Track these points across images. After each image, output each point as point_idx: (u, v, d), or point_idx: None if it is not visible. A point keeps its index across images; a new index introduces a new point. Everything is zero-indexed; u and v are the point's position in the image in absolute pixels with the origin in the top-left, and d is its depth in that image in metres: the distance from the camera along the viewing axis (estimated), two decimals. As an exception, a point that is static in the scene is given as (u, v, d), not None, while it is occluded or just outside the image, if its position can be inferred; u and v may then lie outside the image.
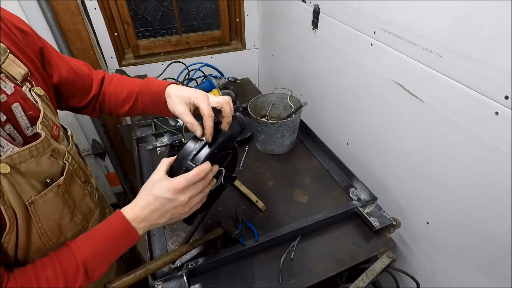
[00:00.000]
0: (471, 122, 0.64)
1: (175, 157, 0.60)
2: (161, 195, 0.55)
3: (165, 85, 0.70)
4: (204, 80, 1.51)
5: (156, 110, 0.73)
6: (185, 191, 0.56)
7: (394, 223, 0.86)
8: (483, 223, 0.68)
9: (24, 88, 0.53)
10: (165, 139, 1.20)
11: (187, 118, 0.62)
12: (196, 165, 0.57)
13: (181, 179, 0.55)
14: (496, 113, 0.58)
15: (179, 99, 0.65)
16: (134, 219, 0.55)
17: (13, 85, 0.51)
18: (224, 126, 0.63)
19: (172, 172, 0.59)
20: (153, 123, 1.25)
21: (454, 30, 0.63)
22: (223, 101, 0.64)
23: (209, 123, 0.60)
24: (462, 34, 0.62)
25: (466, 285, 0.77)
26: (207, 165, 0.58)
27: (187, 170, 0.57)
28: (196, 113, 0.65)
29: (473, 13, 0.59)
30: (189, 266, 0.74)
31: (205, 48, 1.78)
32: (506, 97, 0.56)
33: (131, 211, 0.56)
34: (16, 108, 0.50)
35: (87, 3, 1.39)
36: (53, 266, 0.50)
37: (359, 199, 0.93)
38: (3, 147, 0.46)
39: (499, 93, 0.57)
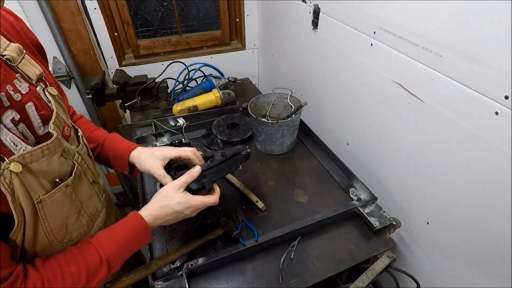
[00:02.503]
0: (471, 122, 0.64)
1: (192, 176, 0.69)
2: (180, 210, 0.65)
3: (130, 148, 0.77)
4: (204, 80, 1.51)
5: (113, 166, 0.80)
6: (200, 209, 0.69)
7: (394, 223, 0.86)
8: (483, 223, 0.68)
9: (38, 88, 0.55)
10: (165, 139, 1.20)
11: (160, 172, 0.71)
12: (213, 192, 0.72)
13: (201, 202, 0.67)
14: (496, 113, 0.58)
15: (153, 157, 0.74)
16: (151, 224, 0.63)
17: (27, 84, 0.52)
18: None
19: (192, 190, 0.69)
20: (153, 123, 1.25)
21: (454, 30, 0.63)
22: (190, 153, 0.76)
23: (197, 155, 0.76)
24: (462, 34, 0.62)
25: (466, 285, 0.77)
26: (218, 192, 0.72)
27: (205, 189, 0.70)
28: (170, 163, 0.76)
29: (473, 13, 0.59)
30: (189, 266, 0.74)
31: (205, 48, 1.78)
32: (506, 97, 0.56)
33: (149, 216, 0.63)
34: (30, 107, 0.51)
35: (87, 3, 1.39)
36: (77, 262, 0.54)
37: (359, 199, 0.93)
38: (16, 145, 0.47)
39: (499, 93, 0.57)
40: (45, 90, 0.56)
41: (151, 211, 0.64)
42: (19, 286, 0.47)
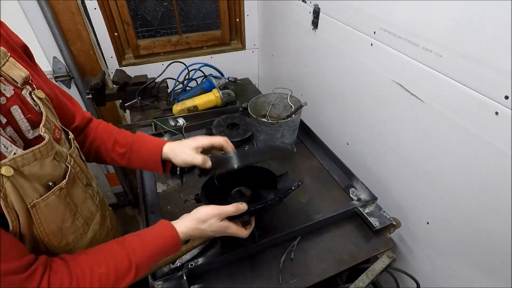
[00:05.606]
0: (471, 122, 0.64)
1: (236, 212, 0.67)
2: (212, 235, 0.67)
3: (160, 146, 0.77)
4: (204, 80, 1.51)
5: (147, 168, 0.80)
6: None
7: (394, 223, 0.86)
8: (483, 223, 0.68)
9: (24, 91, 0.53)
10: (165, 139, 1.20)
11: (198, 160, 0.73)
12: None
13: (233, 233, 0.67)
14: (496, 113, 0.58)
15: (187, 148, 0.75)
16: (182, 239, 0.64)
17: (12, 87, 0.51)
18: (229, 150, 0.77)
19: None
20: (153, 123, 1.25)
21: (454, 30, 0.63)
22: (223, 140, 0.77)
23: (229, 143, 0.78)
24: (462, 34, 0.62)
25: (466, 285, 0.77)
26: (252, 227, 0.72)
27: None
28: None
29: (473, 13, 0.59)
30: (189, 266, 0.74)
31: (205, 48, 1.78)
32: (506, 97, 0.56)
33: (183, 234, 0.64)
34: (16, 110, 0.50)
35: (87, 3, 1.39)
36: (107, 264, 0.54)
37: (359, 199, 0.93)
38: (7, 148, 0.46)
39: (499, 93, 0.57)
40: (32, 93, 0.55)
41: (186, 230, 0.64)
42: (39, 279, 0.47)
